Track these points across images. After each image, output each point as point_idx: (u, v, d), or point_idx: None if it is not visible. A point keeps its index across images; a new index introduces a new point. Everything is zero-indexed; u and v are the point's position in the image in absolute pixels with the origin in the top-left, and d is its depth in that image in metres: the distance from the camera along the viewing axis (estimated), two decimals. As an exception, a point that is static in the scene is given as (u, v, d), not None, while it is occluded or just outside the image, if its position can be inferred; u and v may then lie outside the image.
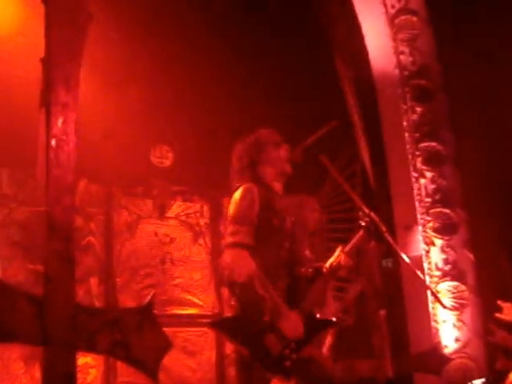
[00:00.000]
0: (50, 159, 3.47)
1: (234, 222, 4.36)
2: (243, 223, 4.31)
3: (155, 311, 4.32)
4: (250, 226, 4.30)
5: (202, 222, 8.94)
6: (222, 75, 7.99)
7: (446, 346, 7.75)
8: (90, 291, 7.94)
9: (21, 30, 6.90)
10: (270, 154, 4.67)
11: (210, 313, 8.63)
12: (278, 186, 4.69)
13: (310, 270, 4.56)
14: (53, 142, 3.45)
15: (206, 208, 8.99)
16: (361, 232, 4.52)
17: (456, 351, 7.74)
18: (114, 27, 6.92)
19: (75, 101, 3.64)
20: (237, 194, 4.45)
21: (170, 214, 8.82)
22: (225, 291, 7.93)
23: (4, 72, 7.23)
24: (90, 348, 3.80)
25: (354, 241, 4.60)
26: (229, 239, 4.34)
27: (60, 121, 3.50)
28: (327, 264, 4.51)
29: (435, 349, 7.71)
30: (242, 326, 4.20)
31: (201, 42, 7.90)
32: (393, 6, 8.07)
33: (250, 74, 8.06)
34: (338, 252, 4.55)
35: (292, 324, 4.19)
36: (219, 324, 4.64)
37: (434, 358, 7.65)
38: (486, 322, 7.44)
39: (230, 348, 7.57)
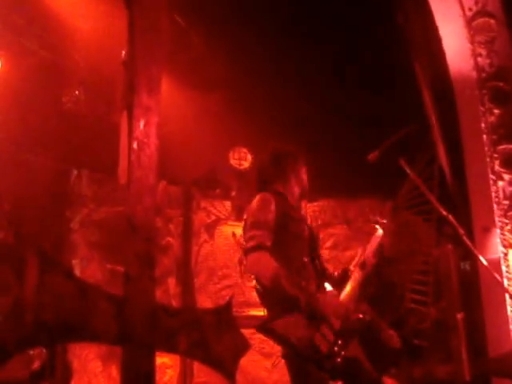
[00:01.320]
0: (131, 161, 3.55)
1: (251, 227, 4.44)
2: (262, 227, 4.37)
3: (233, 312, 4.38)
4: (268, 230, 4.36)
5: (280, 223, 9.03)
6: (302, 80, 8.06)
7: None
8: (167, 291, 8.10)
9: (104, 33, 7.16)
10: (292, 165, 4.83)
11: (286, 314, 8.71)
12: (295, 193, 4.81)
13: (339, 272, 4.63)
14: (135, 145, 3.53)
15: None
16: (378, 233, 4.68)
17: None
18: (196, 32, 7.03)
19: (157, 104, 3.72)
20: (254, 202, 4.56)
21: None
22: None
23: (87, 75, 7.48)
24: (169, 348, 3.84)
25: (372, 242, 4.68)
26: (248, 244, 4.40)
27: (142, 123, 3.59)
28: (353, 263, 4.60)
29: None
30: (289, 327, 4.19)
31: (282, 47, 7.97)
32: (470, 9, 8.01)
33: (329, 76, 8.10)
34: (359, 253, 4.64)
35: (333, 304, 4.27)
36: (266, 328, 4.67)
37: None
38: None
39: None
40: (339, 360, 4.14)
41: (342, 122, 4.82)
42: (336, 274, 4.66)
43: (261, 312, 8.59)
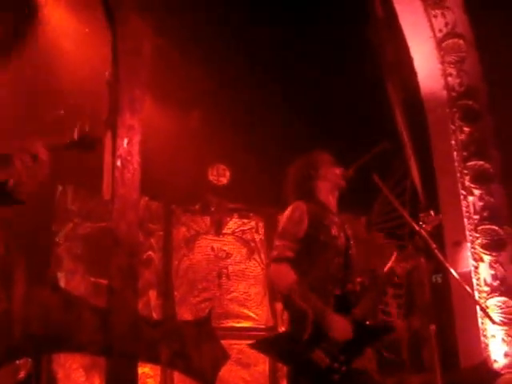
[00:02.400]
0: (115, 178, 3.73)
1: (278, 237, 4.50)
2: (286, 238, 4.43)
3: (213, 324, 4.51)
4: (293, 242, 4.41)
5: (257, 238, 9.22)
6: (277, 98, 8.20)
7: (495, 361, 7.65)
8: (149, 304, 8.21)
9: (89, 54, 7.34)
10: (327, 170, 4.77)
11: (263, 326, 8.84)
12: (332, 202, 4.77)
13: (358, 286, 4.57)
14: (118, 163, 3.70)
15: (261, 224, 9.27)
16: (422, 234, 4.70)
17: (506, 366, 7.64)
18: (178, 53, 7.18)
19: (140, 123, 3.91)
20: (286, 212, 4.58)
21: (226, 230, 9.14)
22: (279, 305, 8.14)
23: (72, 96, 7.64)
24: (151, 358, 3.96)
25: (411, 244, 4.58)
26: (272, 254, 4.49)
27: (125, 142, 3.77)
28: (384, 271, 4.52)
29: (485, 363, 7.61)
30: (286, 343, 4.26)
31: (256, 67, 8.12)
32: (440, 30, 8.20)
33: (303, 97, 8.25)
34: (392, 259, 4.53)
35: (339, 326, 4.22)
36: (260, 345, 4.71)
37: (484, 372, 7.51)
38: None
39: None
40: (337, 377, 4.12)
41: (321, 142, 4.97)
42: (364, 281, 4.62)
43: (239, 324, 8.77)
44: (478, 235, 7.92)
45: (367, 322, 4.39)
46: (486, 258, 7.87)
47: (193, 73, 7.90)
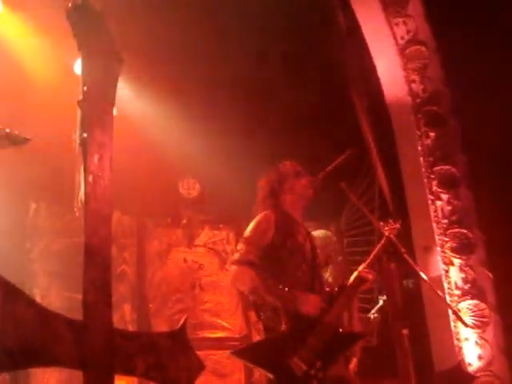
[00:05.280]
0: (87, 194, 3.75)
1: (243, 242, 4.67)
2: (250, 244, 4.59)
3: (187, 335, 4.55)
4: (255, 247, 4.56)
5: (229, 248, 9.29)
6: (243, 111, 8.26)
7: (469, 364, 7.69)
8: (124, 317, 8.26)
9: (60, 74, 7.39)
10: (292, 183, 4.95)
11: (238, 335, 8.91)
12: (297, 213, 4.94)
13: (336, 288, 4.72)
14: (90, 178, 3.74)
15: (231, 235, 9.37)
16: (382, 241, 4.79)
17: (480, 369, 7.69)
18: (142, 67, 7.23)
19: (110, 139, 3.94)
20: (254, 220, 4.77)
21: (198, 242, 9.21)
22: (252, 315, 8.18)
23: (42, 116, 7.68)
24: (128, 371, 3.96)
25: (375, 251, 4.80)
26: (233, 257, 4.67)
27: (96, 158, 3.81)
28: (351, 279, 4.67)
29: (459, 367, 7.63)
30: (265, 351, 4.38)
31: (224, 83, 8.17)
32: (402, 38, 8.28)
33: (268, 110, 8.32)
34: (361, 266, 4.72)
35: (309, 300, 4.39)
36: (240, 353, 4.75)
37: (458, 376, 7.53)
38: (508, 339, 7.56)
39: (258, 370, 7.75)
40: (314, 383, 4.21)
41: (282, 155, 5.05)
42: (333, 290, 4.74)
43: (213, 334, 8.80)
44: (447, 239, 7.97)
45: (340, 330, 4.53)
46: (456, 262, 7.92)
47: (161, 87, 7.95)
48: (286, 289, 4.42)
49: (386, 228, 4.90)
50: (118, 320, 7.77)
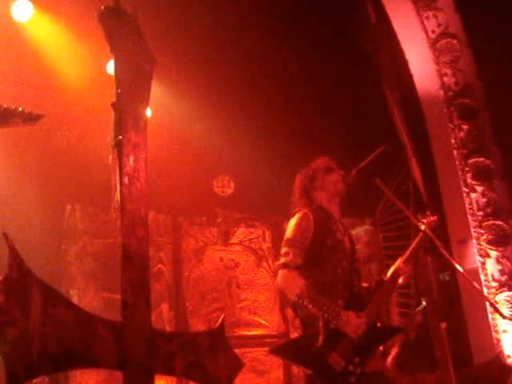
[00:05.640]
0: (123, 195, 3.79)
1: (285, 244, 4.65)
2: (293, 245, 4.58)
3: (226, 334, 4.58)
4: (300, 249, 4.56)
5: (265, 246, 9.29)
6: (278, 107, 8.25)
7: (508, 356, 7.70)
8: (161, 316, 8.30)
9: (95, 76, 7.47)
10: (322, 179, 4.93)
11: (275, 333, 8.90)
12: (333, 208, 4.91)
13: (373, 284, 4.76)
14: (126, 180, 3.78)
15: (267, 233, 9.34)
16: (418, 236, 4.78)
17: None
18: (176, 67, 7.25)
19: (144, 140, 3.99)
20: (292, 220, 4.75)
21: (233, 240, 9.21)
22: (289, 312, 8.18)
23: (79, 117, 7.77)
24: (167, 371, 3.99)
25: (412, 246, 4.78)
26: (280, 261, 4.64)
27: (131, 159, 3.84)
28: (388, 273, 4.67)
29: (497, 359, 7.61)
30: (303, 347, 4.37)
31: (258, 77, 8.16)
32: (433, 31, 8.26)
33: (303, 106, 8.29)
34: (398, 261, 4.72)
35: (352, 322, 4.34)
36: (278, 350, 4.78)
37: (497, 368, 7.44)
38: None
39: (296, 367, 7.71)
40: (353, 379, 4.24)
41: (317, 151, 5.03)
42: (371, 285, 4.79)
43: (251, 332, 8.81)
44: (482, 231, 7.95)
45: (378, 324, 4.53)
46: (493, 254, 7.90)
47: (194, 87, 7.97)
48: (334, 305, 4.41)
49: (423, 222, 4.89)
50: (155, 319, 7.79)
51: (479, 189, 8.05)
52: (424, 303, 6.89)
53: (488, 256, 7.88)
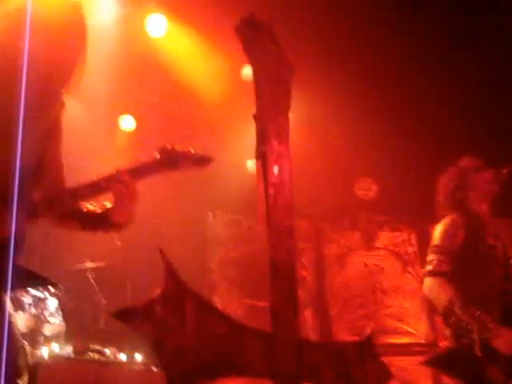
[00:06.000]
0: (269, 205, 3.76)
1: (432, 251, 4.48)
2: (442, 252, 4.40)
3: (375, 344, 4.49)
4: (448, 256, 4.37)
5: (411, 250, 9.07)
6: (424, 107, 8.03)
7: None
8: (305, 324, 8.26)
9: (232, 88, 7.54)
10: (474, 177, 4.70)
11: (423, 341, 8.66)
12: (485, 210, 4.70)
13: None
14: (271, 191, 3.75)
15: (413, 236, 9.11)
16: None
17: None
18: (314, 70, 7.19)
19: (287, 150, 3.93)
20: (440, 226, 4.57)
21: (377, 244, 9.06)
22: (438, 319, 7.95)
23: (217, 126, 7.87)
24: (315, 380, 3.95)
25: None
26: (427, 268, 4.46)
27: (276, 169, 3.80)
28: None
29: None
30: (458, 359, 4.23)
31: (401, 82, 7.97)
32: None
33: (450, 106, 8.01)
34: None
35: (505, 337, 4.12)
36: (434, 361, 4.64)
37: None
38: None
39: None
40: None
41: (470, 146, 4.81)
42: None
43: (397, 340, 8.61)
44: None
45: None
46: None
47: (334, 88, 7.87)
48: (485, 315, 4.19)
49: None
50: (300, 327, 7.78)
51: None
52: None
53: None
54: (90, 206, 2.90)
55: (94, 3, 7.10)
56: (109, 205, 2.85)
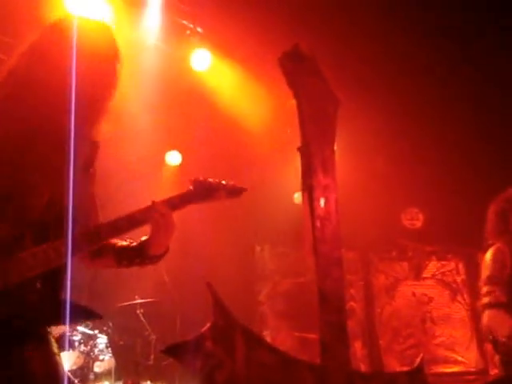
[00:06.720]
0: (316, 237, 3.75)
1: (486, 282, 4.45)
2: (495, 283, 4.38)
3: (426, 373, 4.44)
4: (503, 285, 4.35)
5: (459, 279, 9.01)
6: (470, 134, 7.97)
7: None
8: (355, 354, 8.22)
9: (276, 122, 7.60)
10: None
11: (473, 369, 8.58)
12: None
13: None
14: (318, 223, 3.74)
15: (461, 265, 9.06)
16: None
17: None
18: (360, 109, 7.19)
19: (334, 182, 3.93)
20: (488, 255, 4.54)
21: (425, 274, 9.01)
22: (488, 346, 7.86)
23: (261, 159, 7.93)
24: None
25: None
26: (484, 300, 4.42)
27: (322, 202, 3.80)
28: None
29: None
30: None
31: (446, 110, 7.93)
32: None
33: (498, 132, 7.94)
34: None
35: None
36: None
37: None
38: None
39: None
40: None
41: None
42: None
43: (448, 369, 8.51)
44: None
45: None
46: None
47: (378, 123, 7.86)
48: None
49: None
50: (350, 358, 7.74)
51: None
52: None
53: None
54: (124, 242, 2.90)
55: (140, 40, 7.24)
56: (144, 238, 2.86)
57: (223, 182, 3.00)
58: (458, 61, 7.55)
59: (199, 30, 7.57)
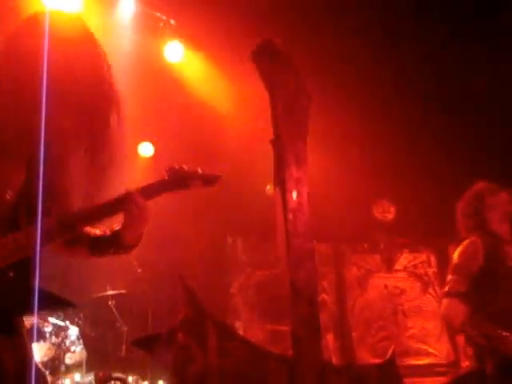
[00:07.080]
0: (289, 230, 3.79)
1: (451, 272, 4.51)
2: (458, 273, 4.43)
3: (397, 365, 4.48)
4: (465, 276, 4.39)
5: (430, 271, 9.04)
6: (441, 128, 8.00)
7: None
8: (327, 347, 8.23)
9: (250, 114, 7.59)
10: (492, 199, 4.72)
11: (445, 361, 8.62)
12: (505, 230, 4.69)
13: None
14: (290, 215, 3.77)
15: (432, 258, 9.10)
16: None
17: None
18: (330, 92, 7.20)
19: (306, 175, 3.96)
20: (460, 247, 4.60)
21: (397, 266, 9.04)
22: (460, 339, 7.91)
23: (238, 155, 7.92)
24: None
25: None
26: (443, 289, 4.53)
27: (294, 195, 3.83)
28: None
29: None
30: (479, 378, 4.23)
31: (419, 104, 7.97)
32: None
33: (466, 126, 7.98)
34: None
35: None
36: (456, 382, 4.63)
37: None
38: None
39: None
40: None
41: (485, 168, 4.77)
42: None
43: (420, 361, 8.56)
44: None
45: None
46: None
47: (352, 110, 7.87)
48: (501, 331, 4.20)
49: None
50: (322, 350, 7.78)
51: None
52: None
53: None
54: (97, 231, 2.85)
55: (113, 32, 7.21)
56: (117, 227, 2.81)
57: (199, 170, 2.98)
58: (429, 51, 7.59)
59: (172, 22, 7.57)
